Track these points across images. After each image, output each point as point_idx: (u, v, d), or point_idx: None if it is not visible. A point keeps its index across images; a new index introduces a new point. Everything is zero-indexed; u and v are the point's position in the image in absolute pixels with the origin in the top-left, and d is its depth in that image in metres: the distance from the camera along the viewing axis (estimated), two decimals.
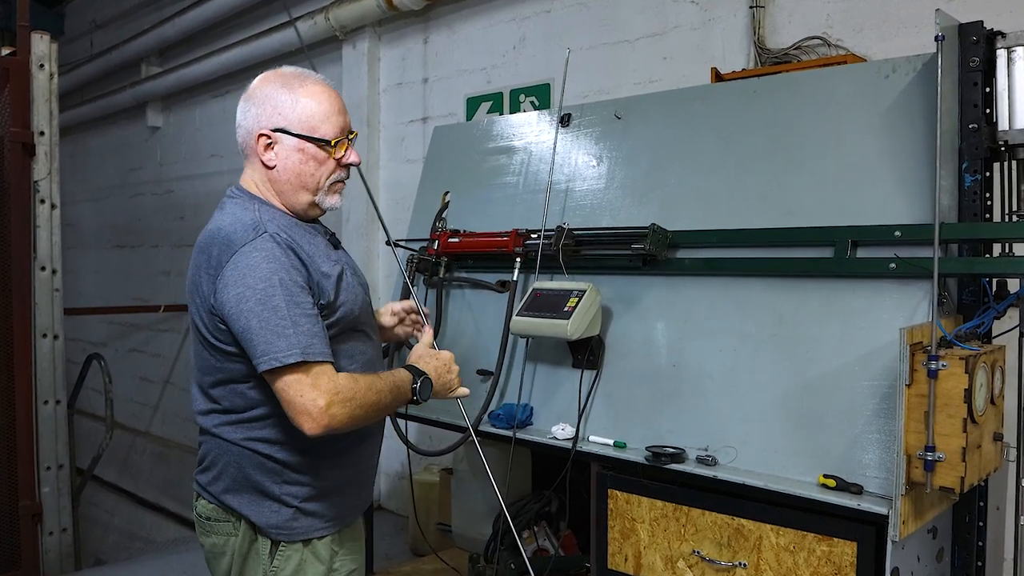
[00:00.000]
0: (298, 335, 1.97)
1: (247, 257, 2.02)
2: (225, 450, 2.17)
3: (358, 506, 2.34)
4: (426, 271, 3.88)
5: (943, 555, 2.70)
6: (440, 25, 5.78)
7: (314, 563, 2.18)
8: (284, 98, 2.15)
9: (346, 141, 2.23)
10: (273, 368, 1.96)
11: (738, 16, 4.19)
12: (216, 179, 7.94)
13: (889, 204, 2.71)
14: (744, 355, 2.88)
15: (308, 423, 1.96)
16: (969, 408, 2.25)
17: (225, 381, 2.14)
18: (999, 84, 2.56)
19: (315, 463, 2.17)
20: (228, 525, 2.19)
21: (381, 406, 2.13)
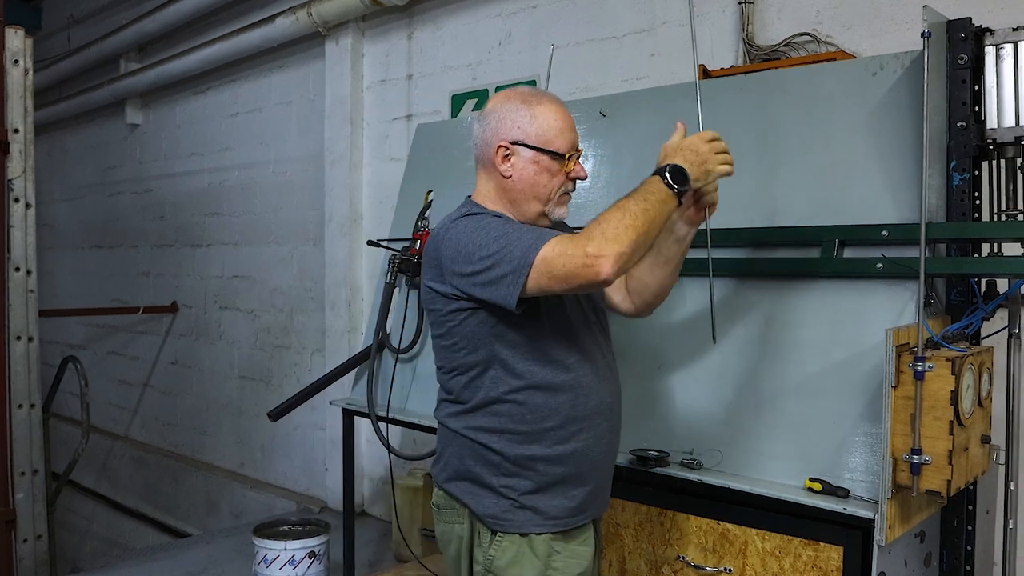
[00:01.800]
0: (527, 237, 2.08)
1: (456, 227, 2.20)
2: (450, 440, 2.30)
3: (583, 510, 2.28)
4: (408, 271, 3.88)
5: (931, 560, 2.71)
6: (425, 20, 5.78)
7: (531, 557, 2.21)
8: (523, 113, 2.27)
9: (576, 156, 2.33)
10: (530, 278, 2.03)
11: (727, 12, 4.20)
12: (196, 178, 7.93)
13: (877, 203, 2.72)
14: (730, 357, 2.88)
15: (594, 271, 1.98)
16: (955, 410, 2.26)
17: (450, 370, 2.27)
18: (987, 82, 2.57)
19: (533, 458, 2.21)
20: (454, 513, 2.30)
21: (646, 213, 2.06)
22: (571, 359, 2.23)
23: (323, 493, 6.48)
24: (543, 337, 2.20)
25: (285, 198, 6.94)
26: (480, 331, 2.19)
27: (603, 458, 2.31)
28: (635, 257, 2.05)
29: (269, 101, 7.13)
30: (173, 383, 8.35)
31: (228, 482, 7.40)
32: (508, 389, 2.19)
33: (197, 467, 7.84)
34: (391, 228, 4.28)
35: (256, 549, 4.34)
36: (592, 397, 2.25)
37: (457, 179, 3.99)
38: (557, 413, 2.20)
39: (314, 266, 6.56)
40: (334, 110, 6.25)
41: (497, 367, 2.19)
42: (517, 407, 2.19)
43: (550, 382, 2.20)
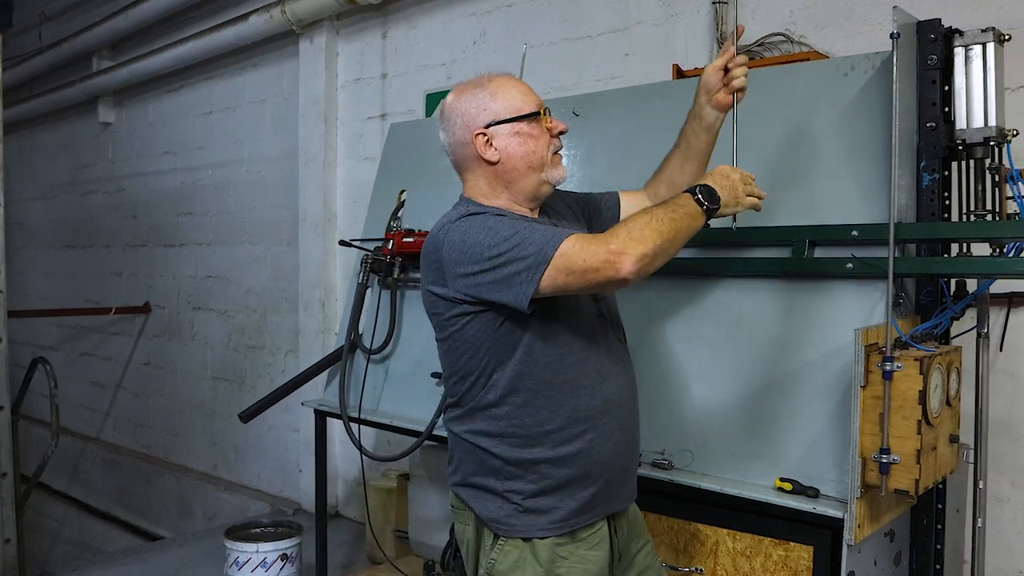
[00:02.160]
0: (543, 233, 2.05)
1: (458, 227, 2.13)
2: (456, 444, 2.29)
3: (590, 509, 2.22)
4: (380, 271, 3.87)
5: (901, 559, 2.73)
6: (399, 19, 5.77)
7: (532, 563, 2.17)
8: (482, 96, 2.27)
9: (547, 111, 2.32)
10: (546, 276, 2.00)
11: (701, 12, 4.21)
12: (170, 177, 7.87)
13: (847, 203, 2.73)
14: (701, 357, 2.89)
15: (615, 268, 1.96)
16: (924, 410, 2.28)
17: (452, 374, 2.25)
18: (957, 82, 2.59)
19: (536, 460, 2.17)
20: (464, 514, 2.30)
21: (673, 222, 2.05)
22: (572, 357, 2.17)
23: (297, 495, 6.45)
24: (545, 337, 2.14)
25: (259, 197, 6.90)
26: (482, 335, 2.14)
27: (611, 457, 2.23)
28: (657, 261, 2.02)
29: (243, 100, 7.09)
30: (146, 384, 8.29)
31: (201, 484, 7.35)
32: (507, 392, 2.15)
33: (170, 469, 7.79)
34: (364, 228, 4.27)
35: (227, 552, 4.32)
36: (596, 396, 2.19)
37: (431, 179, 3.99)
38: (558, 414, 2.15)
39: (288, 266, 6.53)
40: (308, 109, 6.22)
41: (497, 371, 2.15)
42: (517, 410, 2.15)
43: (550, 383, 2.15)
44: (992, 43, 2.54)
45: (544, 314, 2.12)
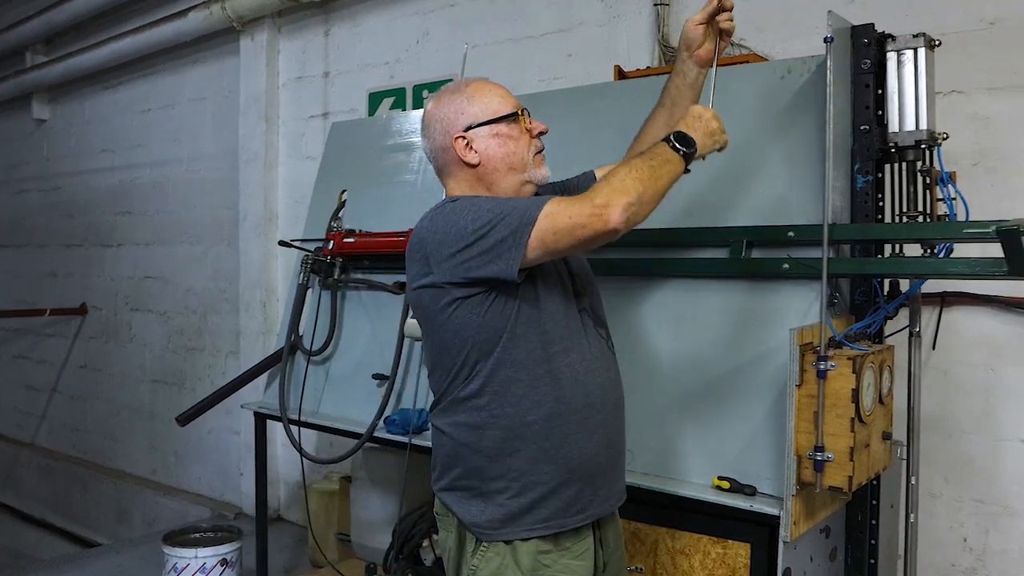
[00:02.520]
0: (525, 200, 2.10)
1: (439, 213, 2.16)
2: (439, 444, 2.27)
3: (581, 510, 2.18)
4: (321, 272, 3.85)
5: (836, 554, 2.78)
6: (342, 17, 5.74)
7: (514, 569, 2.13)
8: (459, 100, 2.28)
9: (526, 112, 2.33)
10: (533, 237, 2.01)
11: (643, 14, 4.26)
12: (107, 175, 7.74)
13: (784, 204, 2.78)
14: (641, 357, 2.92)
15: (602, 221, 1.98)
16: (857, 408, 2.33)
17: (434, 368, 2.25)
18: (890, 87, 2.65)
19: (518, 453, 2.13)
20: (447, 521, 2.28)
21: (652, 169, 2.07)
22: (555, 347, 2.15)
23: (238, 499, 6.38)
24: (528, 327, 2.13)
25: (199, 197, 6.82)
26: (467, 323, 2.11)
27: (596, 454, 2.20)
28: (643, 209, 2.04)
29: (183, 97, 7.00)
30: (82, 387, 8.14)
31: (140, 489, 7.23)
32: (488, 381, 2.13)
33: (108, 474, 7.65)
34: (304, 228, 4.24)
35: (166, 558, 4.26)
36: (578, 389, 2.16)
37: (372, 179, 3.98)
38: (540, 405, 2.12)
39: (228, 267, 6.46)
40: (249, 107, 6.16)
41: (481, 360, 2.13)
42: (498, 399, 2.13)
43: (532, 372, 2.12)
44: (923, 48, 2.61)
45: (528, 305, 2.12)
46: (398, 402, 3.53)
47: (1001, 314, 3.34)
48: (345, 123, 4.59)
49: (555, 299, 2.18)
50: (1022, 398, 3.30)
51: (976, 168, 3.35)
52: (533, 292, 2.13)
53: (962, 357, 3.42)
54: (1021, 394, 3.30)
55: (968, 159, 3.34)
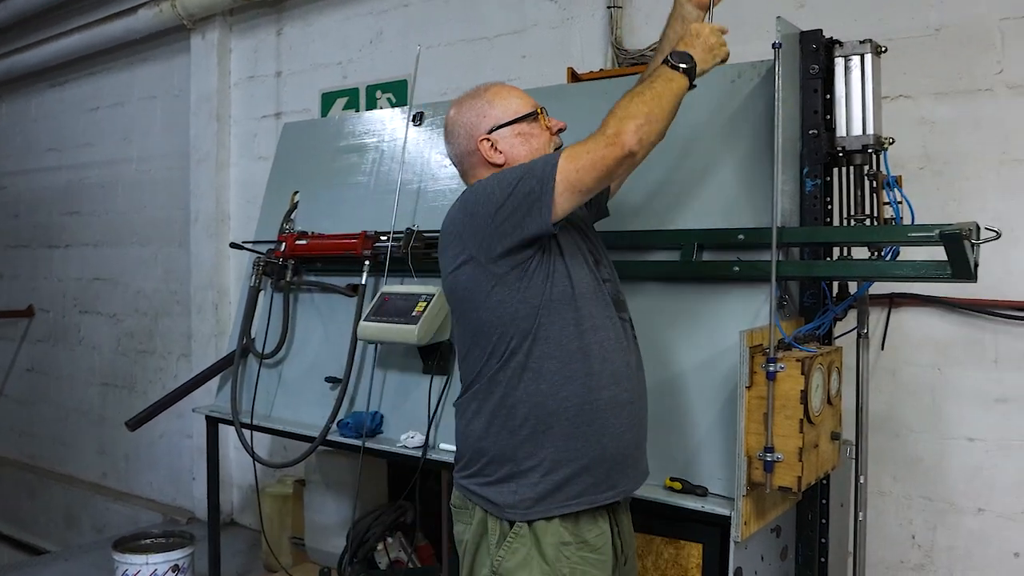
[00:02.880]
0: (541, 159, 2.18)
1: (466, 195, 2.27)
2: (467, 427, 2.30)
3: (608, 487, 2.23)
4: (273, 274, 3.84)
5: (787, 553, 2.82)
6: (294, 16, 5.71)
7: (539, 562, 2.17)
8: (480, 104, 2.38)
9: (544, 111, 2.42)
10: (558, 180, 2.09)
11: (596, 16, 4.28)
12: (54, 175, 7.62)
13: (735, 208, 2.82)
14: None
15: (618, 146, 2.06)
16: (805, 409, 2.37)
17: (468, 352, 2.30)
18: (837, 92, 2.69)
19: (552, 429, 2.18)
20: (466, 514, 2.31)
21: (652, 89, 2.15)
22: (585, 324, 2.20)
23: (190, 503, 6.32)
24: (561, 304, 2.18)
25: (149, 197, 6.74)
26: (505, 300, 2.17)
27: (625, 430, 2.25)
28: (654, 127, 2.10)
29: (132, 96, 6.91)
30: (29, 391, 8.01)
31: (90, 495, 7.14)
32: (525, 359, 2.18)
33: (56, 479, 7.54)
34: (256, 230, 4.22)
35: (116, 564, 4.21)
36: (607, 366, 2.21)
37: (325, 179, 3.97)
38: (573, 381, 2.17)
39: (180, 268, 6.40)
40: (200, 106, 6.10)
41: (515, 338, 2.18)
42: (534, 376, 2.17)
43: (565, 348, 2.18)
44: (869, 54, 2.65)
45: (561, 281, 2.19)
46: (351, 405, 3.52)
47: (947, 315, 3.41)
48: (297, 123, 4.57)
49: (584, 279, 2.24)
50: (967, 397, 3.38)
51: (923, 171, 3.41)
52: (564, 268, 2.20)
53: (910, 357, 3.49)
54: (966, 393, 3.38)
55: (915, 163, 3.41)
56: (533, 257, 2.16)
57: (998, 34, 3.28)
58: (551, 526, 2.18)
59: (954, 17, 3.37)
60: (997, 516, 3.34)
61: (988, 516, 3.36)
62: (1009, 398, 3.29)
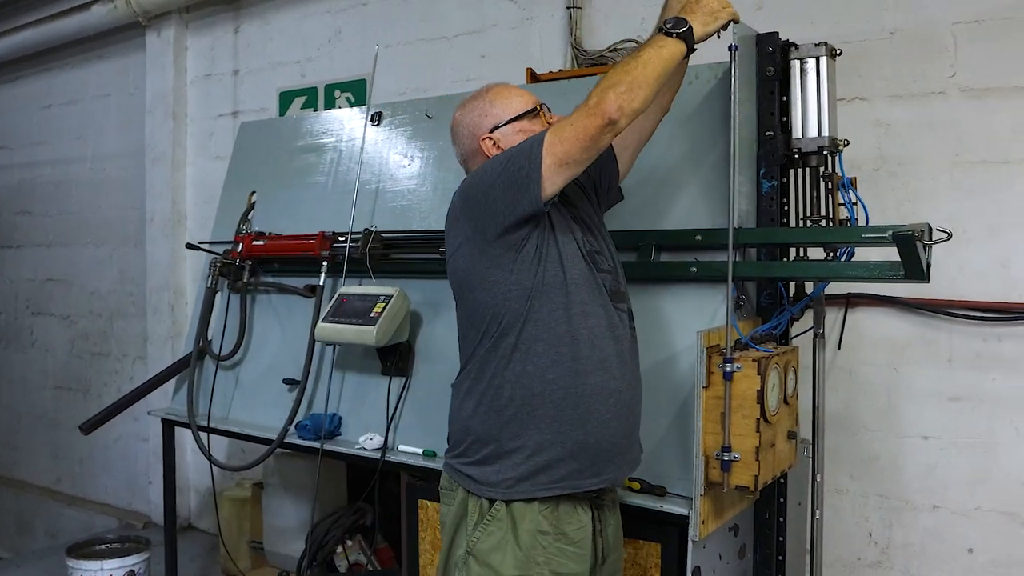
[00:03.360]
0: (530, 138, 2.22)
1: (465, 183, 2.34)
2: (457, 408, 2.36)
3: (593, 472, 2.25)
4: (230, 275, 3.81)
5: (745, 552, 2.86)
6: (252, 14, 5.67)
7: (514, 547, 2.20)
8: (482, 105, 2.44)
9: (545, 106, 2.47)
10: (545, 155, 2.13)
11: (555, 16, 4.30)
12: (5, 173, 7.49)
13: (693, 209, 2.85)
14: None
15: (598, 115, 2.08)
16: (762, 408, 2.39)
17: (465, 332, 2.36)
18: (793, 94, 2.73)
19: (537, 411, 2.21)
20: (450, 494, 2.36)
21: (637, 57, 2.15)
22: (575, 309, 2.23)
23: (147, 508, 6.27)
24: (553, 287, 2.22)
25: (104, 197, 6.67)
26: (499, 281, 2.22)
27: (612, 417, 2.27)
28: (637, 93, 2.10)
29: (86, 94, 6.83)
30: None
31: (43, 500, 7.04)
32: (514, 340, 2.22)
33: (8, 485, 7.43)
34: (213, 230, 4.19)
35: (70, 571, 4.17)
36: (595, 351, 2.24)
37: (283, 179, 3.95)
38: (560, 364, 2.21)
39: (135, 269, 6.34)
40: (156, 105, 6.05)
41: (507, 318, 2.22)
42: (522, 357, 2.21)
43: (554, 331, 2.21)
44: (825, 57, 2.69)
45: (553, 266, 2.23)
46: (309, 407, 3.51)
47: (903, 315, 3.47)
48: (254, 123, 4.54)
49: (577, 266, 2.27)
50: (922, 396, 3.43)
51: (878, 173, 3.47)
52: (557, 255, 2.24)
53: (866, 357, 3.54)
54: (921, 392, 3.44)
55: (871, 164, 3.46)
56: (528, 238, 2.20)
57: (950, 38, 3.34)
58: (530, 510, 2.21)
59: (908, 21, 3.42)
60: (951, 513, 3.40)
61: (942, 513, 3.42)
62: (962, 397, 3.36)
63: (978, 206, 3.31)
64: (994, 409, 3.31)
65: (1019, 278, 3.26)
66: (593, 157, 2.18)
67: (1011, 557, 3.30)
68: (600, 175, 2.58)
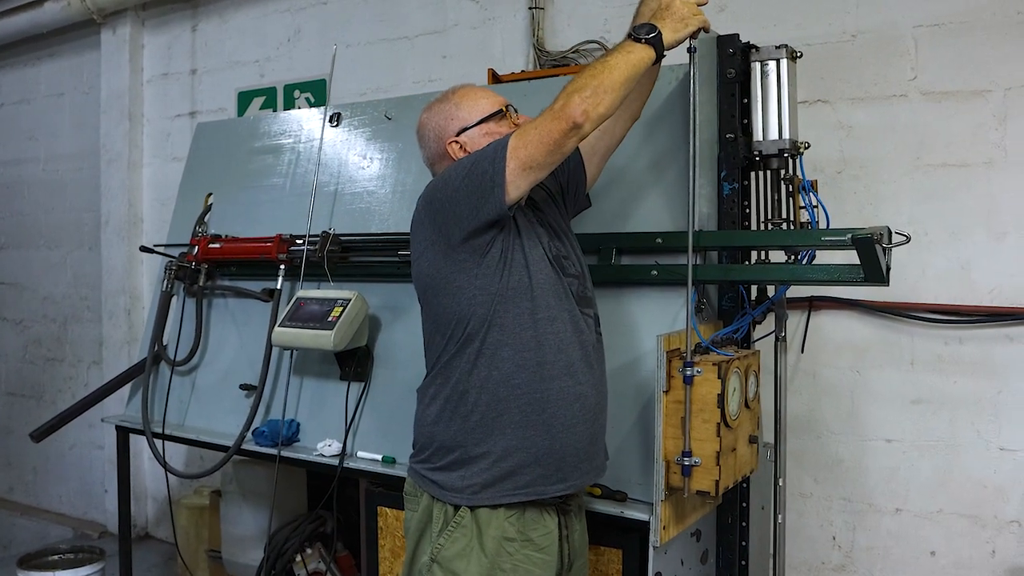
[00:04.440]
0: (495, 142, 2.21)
1: (428, 188, 2.34)
2: (422, 413, 2.36)
3: (559, 479, 2.25)
4: (186, 278, 3.79)
5: (707, 557, 2.87)
6: (210, 12, 5.63)
7: (479, 554, 2.20)
8: (447, 107, 2.44)
9: (512, 108, 2.47)
10: (509, 158, 2.12)
11: (518, 17, 4.31)
12: None
13: (654, 211, 2.86)
14: None
15: (563, 119, 2.08)
16: (723, 413, 2.40)
17: (430, 337, 2.36)
18: (754, 96, 2.75)
19: (503, 417, 2.22)
20: (415, 500, 2.36)
21: (604, 62, 2.16)
22: (541, 314, 2.23)
23: (103, 517, 6.20)
24: (518, 292, 2.22)
25: (57, 199, 6.59)
26: (464, 286, 2.22)
27: (578, 423, 2.28)
28: (602, 98, 2.10)
29: (38, 92, 6.74)
30: None
31: None
32: (479, 345, 2.22)
33: None
34: (168, 233, 4.16)
35: None
36: (561, 356, 2.24)
37: (240, 181, 3.93)
38: (524, 369, 2.21)
39: (90, 272, 6.27)
40: (111, 104, 5.99)
41: (472, 323, 2.22)
42: (487, 362, 2.21)
43: (518, 336, 2.21)
44: (785, 59, 2.71)
45: (519, 270, 2.23)
46: (267, 413, 3.49)
47: (865, 318, 3.51)
48: (211, 123, 4.51)
49: (543, 271, 2.27)
50: (885, 399, 3.48)
51: (841, 175, 3.51)
52: (523, 259, 2.24)
53: (830, 360, 3.58)
54: (884, 395, 3.48)
55: (833, 167, 3.50)
56: (492, 243, 2.20)
57: (912, 41, 3.39)
58: (495, 517, 2.22)
59: (870, 23, 3.46)
60: (914, 516, 3.44)
61: (905, 516, 3.46)
62: (924, 399, 3.40)
63: (939, 209, 3.36)
64: (955, 412, 3.36)
65: (979, 280, 3.31)
66: (558, 161, 2.17)
67: (973, 559, 3.34)
68: (568, 180, 2.60)
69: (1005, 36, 3.25)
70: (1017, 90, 3.24)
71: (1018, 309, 3.25)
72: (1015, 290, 3.26)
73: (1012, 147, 3.25)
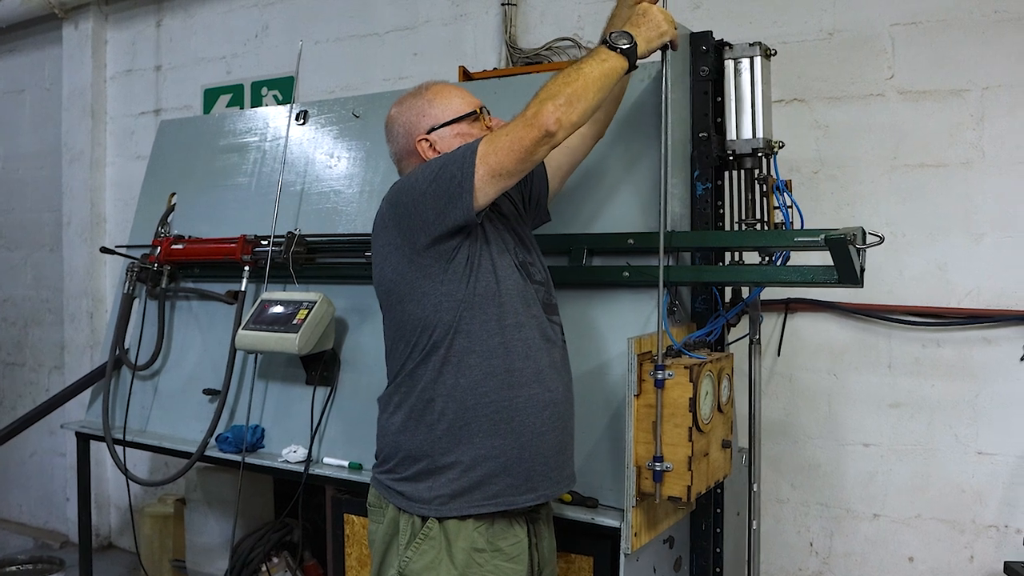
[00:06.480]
0: (464, 145, 2.20)
1: (394, 188, 2.31)
2: (385, 423, 2.33)
3: (528, 488, 2.24)
4: (148, 280, 3.76)
5: (681, 564, 2.87)
6: (175, 7, 5.61)
7: (448, 566, 2.19)
8: (420, 103, 2.42)
9: (486, 110, 2.45)
10: (478, 164, 2.11)
11: (490, 14, 4.31)
12: None
13: (625, 212, 2.86)
14: None
15: (535, 127, 2.07)
16: (694, 417, 2.41)
17: (393, 345, 2.34)
18: (727, 94, 2.76)
19: (470, 425, 2.20)
20: (379, 512, 2.34)
21: (578, 69, 2.16)
22: (508, 320, 2.23)
23: (65, 526, 6.15)
24: (484, 298, 2.21)
25: (17, 199, 6.53)
26: (428, 292, 2.21)
27: (547, 432, 2.27)
28: (576, 106, 2.11)
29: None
30: None
31: None
32: (445, 353, 2.21)
33: None
34: (130, 233, 4.13)
35: None
36: (530, 364, 2.24)
37: (204, 180, 3.91)
38: (492, 377, 2.20)
39: (51, 274, 6.22)
40: (73, 101, 5.95)
41: (438, 330, 2.21)
42: (453, 369, 2.20)
43: (486, 343, 2.21)
44: (759, 57, 2.72)
45: (486, 276, 2.22)
46: (231, 418, 3.47)
47: (842, 320, 3.53)
48: (175, 121, 4.48)
49: (511, 277, 2.27)
50: (862, 403, 3.50)
51: (818, 175, 3.53)
52: (490, 265, 2.24)
53: (806, 363, 3.60)
54: (861, 399, 3.50)
55: (810, 167, 3.52)
56: (459, 249, 2.19)
57: (888, 39, 3.41)
58: (464, 528, 2.21)
59: (846, 21, 3.49)
60: (892, 521, 3.47)
61: (883, 521, 3.48)
62: (902, 403, 3.42)
63: (916, 209, 3.38)
64: (933, 415, 3.39)
65: (957, 282, 3.34)
66: (528, 169, 2.17)
67: (951, 565, 3.37)
68: (531, 190, 2.60)
69: (983, 35, 3.29)
70: (994, 90, 3.28)
71: (996, 311, 3.28)
72: (993, 292, 3.29)
73: (989, 147, 3.29)
